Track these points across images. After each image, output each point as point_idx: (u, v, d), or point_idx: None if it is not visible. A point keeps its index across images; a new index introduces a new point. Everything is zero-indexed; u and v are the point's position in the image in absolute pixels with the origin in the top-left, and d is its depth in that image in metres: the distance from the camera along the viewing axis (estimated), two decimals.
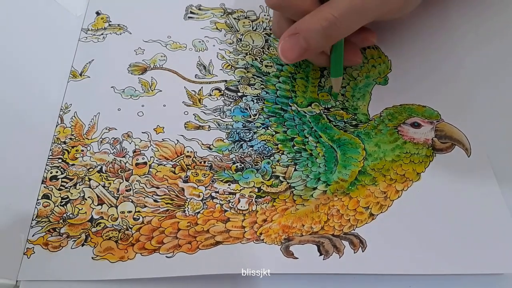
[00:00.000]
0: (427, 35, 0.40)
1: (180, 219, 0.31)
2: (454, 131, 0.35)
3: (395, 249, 0.30)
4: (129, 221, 0.31)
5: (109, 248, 0.30)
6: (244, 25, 0.41)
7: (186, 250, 0.30)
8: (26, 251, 0.30)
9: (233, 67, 0.38)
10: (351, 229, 0.31)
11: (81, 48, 0.39)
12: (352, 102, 0.36)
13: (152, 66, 0.38)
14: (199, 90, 0.37)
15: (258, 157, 0.34)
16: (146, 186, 0.32)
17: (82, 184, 0.32)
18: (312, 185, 0.33)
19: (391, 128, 0.35)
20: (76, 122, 0.35)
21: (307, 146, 0.34)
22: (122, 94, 0.37)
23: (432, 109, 0.36)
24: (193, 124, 0.35)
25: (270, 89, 0.37)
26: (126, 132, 0.35)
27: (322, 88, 0.37)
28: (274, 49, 0.39)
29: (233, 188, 0.32)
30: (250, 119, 0.36)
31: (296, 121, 0.35)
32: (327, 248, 0.30)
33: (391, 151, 0.34)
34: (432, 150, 0.34)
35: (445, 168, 0.33)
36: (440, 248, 0.30)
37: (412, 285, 0.30)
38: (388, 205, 0.32)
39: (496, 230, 0.31)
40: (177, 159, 0.34)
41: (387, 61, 0.38)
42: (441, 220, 0.31)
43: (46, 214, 0.31)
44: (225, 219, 0.31)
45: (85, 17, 0.41)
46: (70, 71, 0.38)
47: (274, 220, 0.31)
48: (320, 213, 0.31)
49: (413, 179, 0.33)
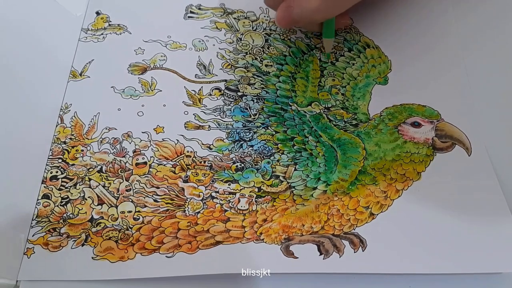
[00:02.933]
0: (427, 35, 0.40)
1: (180, 219, 0.31)
2: (455, 130, 0.34)
3: (395, 248, 0.30)
4: (129, 221, 0.31)
5: (109, 248, 0.30)
6: (244, 25, 0.41)
7: (186, 250, 0.30)
8: (26, 251, 0.30)
9: (233, 67, 0.38)
10: (351, 228, 0.31)
11: (81, 48, 0.39)
12: (352, 102, 0.36)
13: (152, 66, 0.38)
14: (199, 89, 0.37)
15: (258, 157, 0.34)
16: (146, 186, 0.32)
17: (82, 184, 0.32)
18: (312, 184, 0.32)
19: (391, 128, 0.35)
20: (76, 122, 0.35)
21: (307, 146, 0.34)
22: (122, 94, 0.37)
23: (432, 108, 0.36)
24: (193, 124, 0.35)
25: (270, 89, 0.37)
26: (126, 132, 0.35)
27: (322, 88, 0.37)
28: (274, 49, 0.39)
29: (233, 188, 0.32)
30: (250, 118, 0.36)
31: (296, 120, 0.35)
32: (327, 247, 0.30)
33: (392, 151, 0.34)
34: (432, 149, 0.34)
35: (445, 168, 0.33)
36: (440, 247, 0.30)
37: (412, 284, 0.30)
38: (389, 204, 0.32)
39: (496, 230, 0.31)
40: (177, 159, 0.34)
41: (387, 61, 0.38)
42: (441, 220, 0.31)
43: (46, 214, 0.31)
44: (225, 219, 0.31)
45: (85, 17, 0.41)
46: (70, 71, 0.38)
47: (274, 220, 0.31)
48: (320, 212, 0.31)
49: (413, 179, 0.33)
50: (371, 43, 0.40)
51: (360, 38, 0.40)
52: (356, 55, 0.39)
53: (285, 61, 0.39)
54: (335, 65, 0.38)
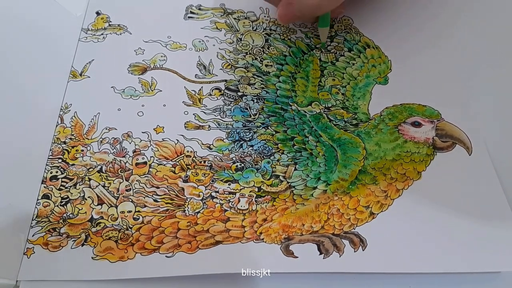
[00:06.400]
0: (427, 34, 0.40)
1: (180, 218, 0.31)
2: (455, 130, 0.34)
3: (395, 248, 0.30)
4: (129, 221, 0.31)
5: (109, 248, 0.30)
6: (244, 25, 0.41)
7: (186, 250, 0.30)
8: (26, 251, 0.30)
9: (233, 67, 0.38)
10: (351, 228, 0.31)
11: (81, 48, 0.39)
12: (353, 102, 0.36)
13: (152, 66, 0.38)
14: (199, 89, 0.37)
15: (258, 157, 0.34)
16: (146, 186, 0.32)
17: (82, 184, 0.32)
18: (312, 184, 0.32)
19: (392, 127, 0.35)
20: (76, 122, 0.35)
21: (307, 146, 0.34)
22: (122, 94, 0.37)
23: (433, 108, 0.36)
24: (193, 123, 0.35)
25: (270, 89, 0.37)
26: (126, 132, 0.35)
27: (322, 88, 0.37)
28: (274, 49, 0.39)
29: (233, 188, 0.32)
30: (250, 118, 0.36)
31: (296, 120, 0.35)
32: (327, 247, 0.30)
33: (392, 150, 0.34)
34: (432, 149, 0.34)
35: (446, 167, 0.33)
36: (440, 246, 0.30)
37: (412, 283, 0.30)
38: (389, 204, 0.32)
39: (497, 229, 0.30)
40: (177, 159, 0.34)
41: (387, 61, 0.38)
42: (442, 219, 0.31)
43: (46, 214, 0.31)
44: (225, 219, 0.31)
45: (85, 17, 0.41)
46: (70, 71, 0.38)
47: (274, 220, 0.31)
48: (320, 212, 0.31)
49: (413, 178, 0.33)
50: (371, 43, 0.40)
51: (360, 38, 0.40)
52: (356, 55, 0.39)
53: (285, 61, 0.39)
54: (335, 65, 0.38)
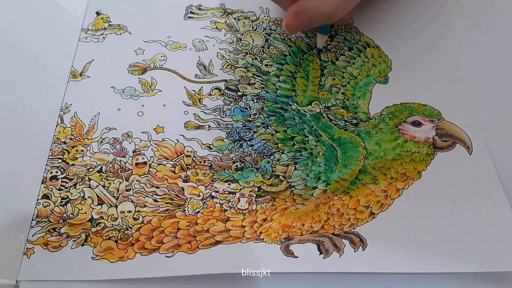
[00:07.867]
0: (427, 34, 0.40)
1: (180, 218, 0.31)
2: (455, 129, 0.34)
3: (395, 247, 0.30)
4: (129, 221, 0.31)
5: (109, 248, 0.30)
6: (244, 25, 0.41)
7: (186, 250, 0.30)
8: (26, 251, 0.30)
9: (233, 67, 0.38)
10: (351, 228, 0.31)
11: (81, 48, 0.39)
12: (353, 101, 0.36)
13: (152, 66, 0.38)
14: (199, 89, 0.37)
15: (258, 157, 0.34)
16: (146, 186, 0.32)
17: (82, 184, 0.32)
18: (312, 184, 0.32)
19: (392, 127, 0.35)
20: (76, 122, 0.35)
21: (307, 145, 0.34)
22: (122, 94, 0.37)
23: (433, 107, 0.35)
24: (193, 123, 0.35)
25: (270, 89, 0.37)
26: (126, 132, 0.35)
27: (322, 87, 0.37)
28: (274, 48, 0.39)
29: (233, 188, 0.32)
30: (250, 118, 0.36)
31: (296, 120, 0.35)
32: (327, 247, 0.30)
33: (392, 150, 0.34)
34: (433, 148, 0.34)
35: (446, 166, 0.33)
36: (440, 246, 0.30)
37: (412, 283, 0.30)
38: (389, 203, 0.31)
39: (497, 229, 0.30)
40: (177, 158, 0.34)
41: (388, 60, 0.38)
42: (442, 219, 0.31)
43: (46, 214, 0.31)
44: (225, 219, 0.31)
45: (85, 17, 0.41)
46: (70, 71, 0.38)
47: (274, 220, 0.31)
48: (320, 212, 0.31)
49: (414, 178, 0.32)
50: (371, 43, 0.40)
51: (360, 38, 0.40)
52: (356, 54, 0.39)
53: (285, 61, 0.39)
54: (335, 64, 0.38)
